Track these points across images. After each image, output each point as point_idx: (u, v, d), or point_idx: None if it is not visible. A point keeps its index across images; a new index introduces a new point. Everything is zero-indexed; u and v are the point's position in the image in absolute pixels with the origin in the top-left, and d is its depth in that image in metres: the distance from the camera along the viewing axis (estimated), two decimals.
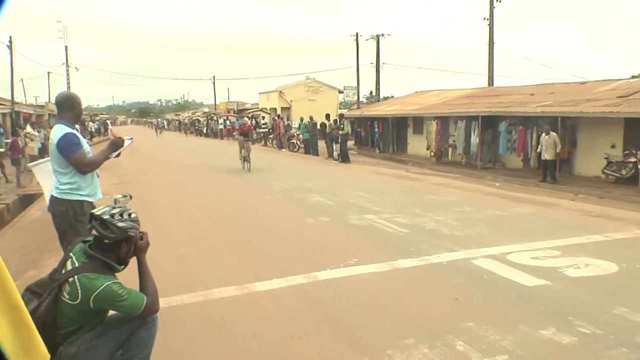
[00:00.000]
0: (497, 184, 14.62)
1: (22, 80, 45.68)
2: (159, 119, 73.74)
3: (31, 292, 2.98)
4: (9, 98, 31.28)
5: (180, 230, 8.28)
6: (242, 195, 12.04)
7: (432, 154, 22.27)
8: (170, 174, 16.74)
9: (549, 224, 8.54)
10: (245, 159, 17.21)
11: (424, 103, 26.28)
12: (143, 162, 20.29)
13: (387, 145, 26.67)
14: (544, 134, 14.82)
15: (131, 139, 4.54)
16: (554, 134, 14.69)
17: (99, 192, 4.50)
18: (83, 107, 4.52)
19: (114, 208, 3.03)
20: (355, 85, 39.23)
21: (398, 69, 79.37)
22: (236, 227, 8.56)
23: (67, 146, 4.12)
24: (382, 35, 37.03)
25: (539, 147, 15.01)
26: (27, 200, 12.17)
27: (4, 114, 28.09)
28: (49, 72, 51.12)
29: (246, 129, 18.76)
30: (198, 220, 9.19)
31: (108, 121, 61.44)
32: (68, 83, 45.44)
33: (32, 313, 2.83)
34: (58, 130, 4.18)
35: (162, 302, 4.87)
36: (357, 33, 37.69)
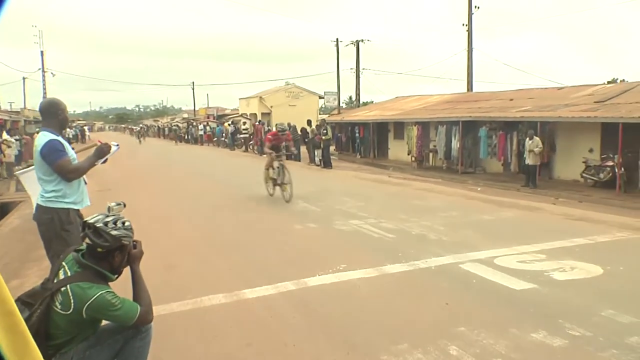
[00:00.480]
0: (479, 189, 14.78)
1: None
2: (142, 125, 68.69)
3: (22, 302, 2.91)
4: None
5: (166, 237, 8.18)
6: (228, 201, 11.95)
7: (413, 159, 22.42)
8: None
9: (533, 228, 8.65)
10: (281, 183, 11.78)
11: (405, 108, 26.45)
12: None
13: (368, 151, 26.80)
14: (527, 139, 15.03)
15: (117, 145, 4.47)
16: (537, 138, 14.90)
17: (86, 200, 4.42)
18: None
19: (107, 216, 2.99)
20: (336, 90, 39.38)
21: (378, 74, 79.86)
22: (223, 234, 8.50)
23: (51, 153, 4.05)
24: (362, 41, 37.29)
25: (525, 152, 15.18)
26: (5, 208, 11.94)
27: None
28: (24, 78, 50.29)
29: (285, 138, 12.55)
30: (182, 227, 9.10)
31: (85, 127, 60.56)
32: (44, 89, 44.78)
33: (24, 322, 2.78)
34: (42, 137, 4.12)
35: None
36: (337, 39, 37.90)
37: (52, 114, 4.22)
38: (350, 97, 62.95)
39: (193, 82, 65.68)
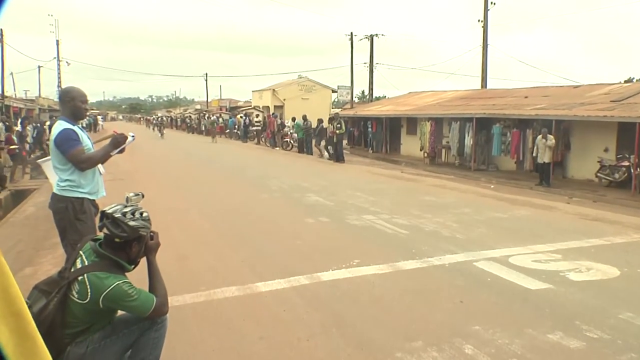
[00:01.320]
0: (492, 186, 14.66)
1: (12, 73, 45.33)
2: (160, 115, 64.36)
3: (39, 291, 2.92)
4: None
5: (178, 228, 8.20)
6: (239, 194, 11.96)
7: (426, 155, 22.28)
8: (167, 169, 16.60)
9: (548, 227, 8.56)
10: None
11: (418, 104, 26.31)
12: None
13: (381, 146, 26.69)
14: (540, 137, 14.86)
15: (134, 135, 4.44)
16: (552, 136, 14.73)
17: (102, 190, 4.41)
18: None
19: (125, 206, 2.97)
20: (349, 84, 39.24)
21: (391, 69, 79.59)
22: (235, 226, 8.49)
23: (64, 142, 4.02)
24: (376, 35, 37.11)
25: (536, 149, 15.02)
26: (20, 196, 12.02)
27: None
28: (39, 66, 50.78)
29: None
30: (194, 218, 9.11)
31: (99, 117, 60.87)
32: (59, 77, 45.14)
33: (40, 312, 2.79)
34: (57, 126, 4.11)
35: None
36: (351, 33, 37.75)
37: (65, 101, 4.20)
38: (363, 92, 62.72)
39: (206, 74, 65.72)
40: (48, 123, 21.52)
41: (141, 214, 2.97)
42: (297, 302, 5.04)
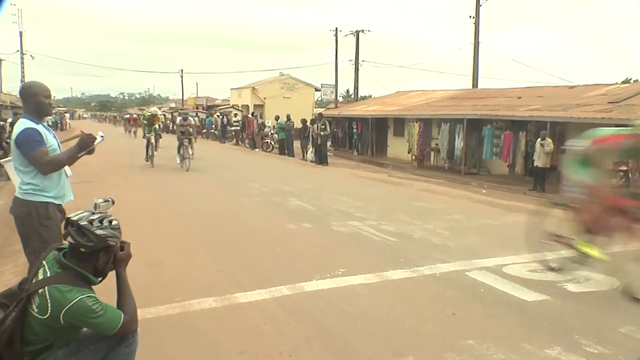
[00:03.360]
0: (484, 191, 14.75)
1: None
2: (132, 114, 60.95)
3: None
4: None
5: (152, 234, 8.07)
6: (219, 198, 11.86)
7: (414, 157, 22.36)
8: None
9: None
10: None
11: (406, 104, 26.42)
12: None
13: (366, 148, 26.73)
14: (539, 139, 14.98)
15: (103, 136, 4.31)
16: (550, 140, 14.86)
17: (69, 194, 4.29)
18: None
19: (93, 213, 2.88)
20: (333, 83, 39.30)
21: (378, 67, 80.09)
22: (213, 231, 8.40)
23: (25, 143, 3.88)
24: (362, 31, 37.30)
25: (535, 153, 15.12)
26: None
27: None
28: (1, 60, 49.85)
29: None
30: (171, 223, 8.99)
31: (67, 114, 60.06)
32: (22, 72, 44.44)
33: None
34: (19, 125, 3.98)
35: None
36: (336, 28, 37.92)
37: (26, 97, 4.06)
38: (348, 91, 62.98)
39: (182, 70, 65.50)
40: (10, 120, 21.18)
41: (110, 222, 2.87)
42: (279, 314, 4.97)
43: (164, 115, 39.34)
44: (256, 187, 13.20)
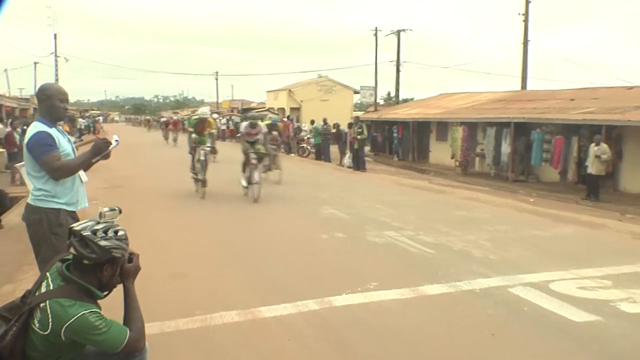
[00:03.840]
0: (532, 200, 14.39)
1: (6, 70, 46.16)
2: (170, 116, 55.70)
3: (0, 317, 2.79)
4: None
5: (177, 243, 8.13)
6: (247, 204, 11.87)
7: (458, 163, 22.08)
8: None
9: (596, 248, 8.29)
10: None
11: (450, 107, 26.12)
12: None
13: (407, 153, 26.52)
14: (593, 145, 14.52)
15: (118, 140, 4.29)
16: (605, 145, 14.40)
17: (83, 201, 4.28)
18: (71, 100, 4.20)
19: (98, 223, 2.82)
20: (373, 85, 39.16)
21: (421, 68, 79.24)
22: (240, 241, 8.38)
23: (37, 147, 3.90)
24: (404, 30, 37.08)
25: (589, 159, 14.68)
26: (14, 202, 12.05)
27: None
28: (35, 62, 51.64)
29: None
30: (196, 230, 9.03)
31: (100, 118, 61.62)
32: (56, 74, 45.81)
33: None
34: (32, 129, 4.01)
35: (154, 328, 4.78)
36: (376, 28, 37.87)
37: (41, 101, 4.09)
38: (389, 93, 62.66)
39: (216, 72, 66.58)
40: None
41: (116, 232, 2.81)
42: (304, 330, 4.89)
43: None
44: (289, 194, 13.18)
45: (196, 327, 4.94)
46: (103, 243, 2.72)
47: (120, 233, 2.82)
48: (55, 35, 46.83)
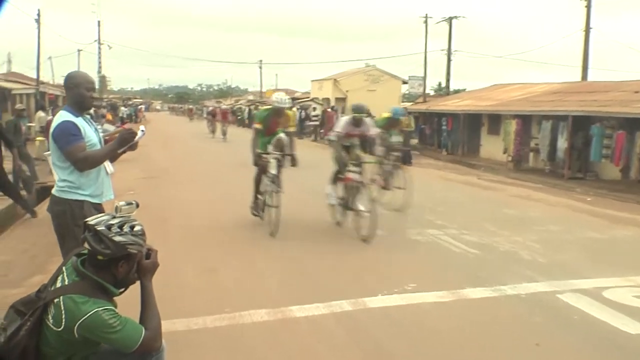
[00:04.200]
0: (589, 199, 13.95)
1: (50, 58, 47.59)
2: (218, 106, 48.58)
3: (15, 311, 2.82)
4: (35, 77, 32.45)
5: (209, 237, 8.24)
6: (286, 197, 11.84)
7: (510, 158, 21.63)
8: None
9: None
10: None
11: (503, 98, 25.58)
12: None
13: (457, 147, 26.11)
14: None
15: (144, 130, 4.27)
16: None
17: (108, 193, 4.32)
18: (113, 88, 4.24)
19: (113, 217, 2.81)
20: (422, 75, 38.69)
21: (473, 57, 77.98)
22: (275, 236, 8.36)
23: (61, 137, 3.95)
24: (456, 17, 36.36)
25: None
26: (45, 193, 12.37)
27: (28, 95, 29.02)
28: (79, 50, 53.08)
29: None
30: (229, 225, 9.09)
31: (142, 106, 62.86)
32: (99, 62, 46.99)
33: (11, 337, 2.68)
34: (57, 118, 4.07)
35: (181, 325, 4.84)
36: (426, 15, 37.24)
37: (68, 89, 4.15)
38: (440, 84, 61.83)
39: (260, 61, 66.98)
40: None
41: (132, 227, 2.79)
42: (336, 331, 4.86)
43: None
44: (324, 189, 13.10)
45: (224, 325, 4.97)
46: (118, 238, 2.71)
47: (136, 228, 2.81)
48: (98, 22, 48.20)
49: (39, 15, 34.08)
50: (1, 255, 7.31)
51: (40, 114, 18.67)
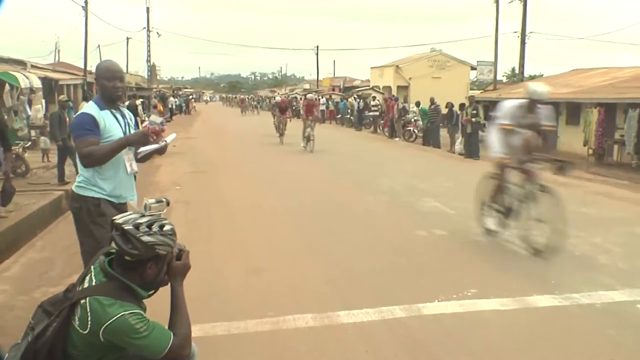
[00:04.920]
0: None
1: (98, 46, 49.08)
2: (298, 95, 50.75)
3: (43, 310, 2.89)
4: (83, 67, 33.52)
5: (255, 235, 8.35)
6: (338, 194, 11.88)
7: (591, 151, 21.07)
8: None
9: None
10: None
11: (584, 85, 24.89)
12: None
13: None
14: None
15: (167, 141, 4.24)
16: None
17: (130, 194, 4.35)
18: (163, 78, 4.32)
19: (142, 216, 2.84)
20: (492, 60, 37.89)
21: (550, 39, 75.37)
22: (326, 235, 8.41)
23: (75, 129, 4.09)
24: None
25: None
26: None
27: (75, 85, 29.97)
28: (127, 38, 54.55)
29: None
30: (278, 224, 9.18)
31: (191, 97, 64.07)
32: (148, 50, 48.12)
33: (37, 337, 2.75)
34: (81, 109, 4.20)
35: (220, 328, 4.91)
36: None
37: (95, 78, 4.26)
38: (513, 69, 60.50)
39: (317, 46, 66.84)
40: (127, 103, 22.84)
41: (161, 226, 2.81)
42: (385, 340, 4.83)
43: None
44: (387, 184, 13.07)
45: (266, 330, 5.01)
46: (146, 239, 2.73)
47: (166, 228, 2.82)
48: (147, 8, 49.23)
49: (86, 2, 35.14)
50: (43, 252, 7.63)
51: (85, 104, 19.27)
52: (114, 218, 2.86)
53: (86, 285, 2.84)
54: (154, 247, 2.76)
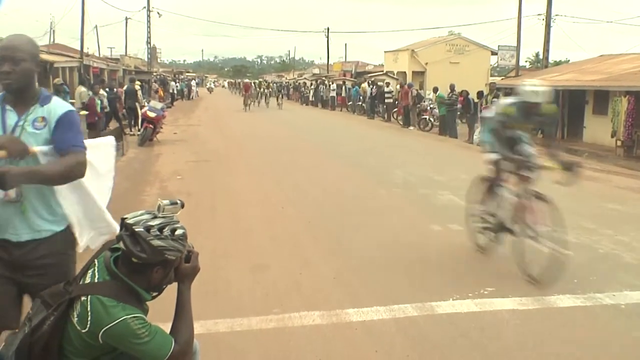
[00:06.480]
0: None
1: (95, 27, 49.16)
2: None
3: (42, 302, 2.93)
4: (79, 49, 33.57)
5: (261, 229, 8.40)
6: (350, 188, 11.91)
7: (620, 143, 20.96)
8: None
9: None
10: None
11: (612, 71, 24.73)
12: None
13: (555, 129, 25.44)
14: None
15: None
16: None
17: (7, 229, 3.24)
18: (164, 61, 4.06)
19: (154, 218, 2.83)
20: (515, 44, 37.71)
21: (577, 23, 74.94)
22: (336, 229, 8.44)
23: None
24: None
25: None
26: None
27: (70, 68, 30.04)
28: (126, 18, 54.58)
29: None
30: (284, 216, 9.25)
31: (193, 81, 63.97)
32: (148, 32, 48.08)
33: (34, 329, 2.79)
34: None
35: (223, 325, 4.97)
36: None
37: None
38: (537, 54, 60.26)
39: (327, 29, 66.56)
40: (126, 87, 22.82)
41: (173, 230, 2.80)
42: (396, 340, 4.86)
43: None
44: (400, 176, 13.08)
45: (271, 328, 5.06)
46: (156, 243, 2.73)
47: (178, 232, 2.82)
48: None
49: None
50: None
51: (81, 89, 19.22)
52: (124, 217, 2.84)
53: (88, 280, 2.86)
54: (164, 252, 2.76)
